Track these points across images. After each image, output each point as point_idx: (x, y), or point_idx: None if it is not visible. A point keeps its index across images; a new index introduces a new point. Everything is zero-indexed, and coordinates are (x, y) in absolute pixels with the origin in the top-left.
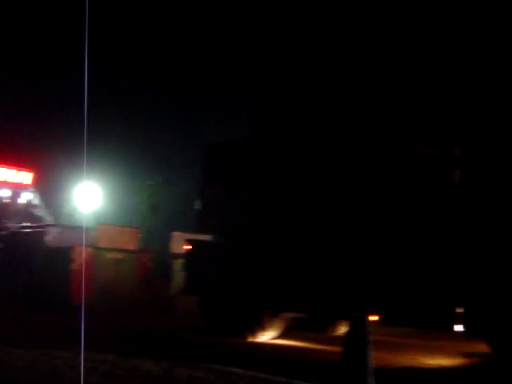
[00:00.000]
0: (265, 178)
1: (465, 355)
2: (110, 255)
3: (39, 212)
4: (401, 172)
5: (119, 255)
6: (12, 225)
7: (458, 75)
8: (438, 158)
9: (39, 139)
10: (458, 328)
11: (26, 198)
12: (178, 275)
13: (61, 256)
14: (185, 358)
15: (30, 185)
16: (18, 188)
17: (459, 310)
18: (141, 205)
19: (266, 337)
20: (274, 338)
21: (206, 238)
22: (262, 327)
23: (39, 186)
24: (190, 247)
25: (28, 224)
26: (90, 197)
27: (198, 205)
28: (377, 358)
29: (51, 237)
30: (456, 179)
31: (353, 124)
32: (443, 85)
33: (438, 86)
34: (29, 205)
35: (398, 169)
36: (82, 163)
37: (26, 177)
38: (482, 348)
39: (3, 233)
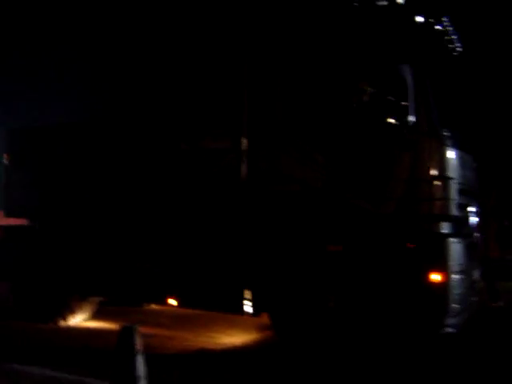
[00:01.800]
0: (64, 164)
1: (261, 329)
2: None
3: None
4: (194, 164)
5: None
6: None
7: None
8: (227, 151)
9: None
10: (248, 309)
11: None
12: None
13: None
14: None
15: None
16: None
17: (248, 294)
18: None
19: (78, 319)
20: (87, 320)
21: (16, 222)
22: (71, 311)
23: None
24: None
25: None
26: None
27: (5, 189)
28: (178, 338)
29: None
30: (243, 172)
31: (145, 115)
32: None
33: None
34: None
35: (191, 160)
36: None
37: None
38: None
39: None
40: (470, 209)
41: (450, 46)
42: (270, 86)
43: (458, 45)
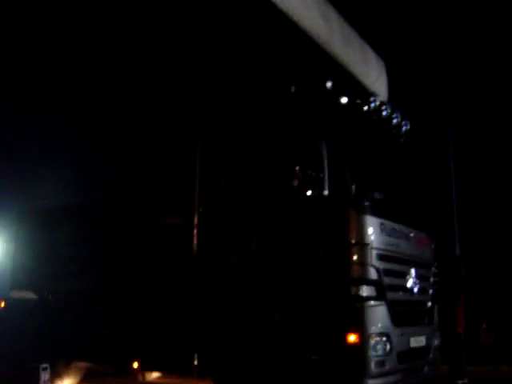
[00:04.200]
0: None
1: None
2: None
3: None
4: (155, 236)
5: None
6: None
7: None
8: (182, 226)
9: None
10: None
11: None
12: None
13: None
14: None
15: None
16: None
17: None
18: None
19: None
20: None
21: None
22: (58, 376)
23: None
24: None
25: None
26: None
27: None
28: None
29: None
30: (194, 243)
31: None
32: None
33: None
34: None
35: (153, 233)
36: None
37: None
38: None
39: None
40: (410, 277)
41: (386, 124)
42: (215, 167)
43: (396, 122)
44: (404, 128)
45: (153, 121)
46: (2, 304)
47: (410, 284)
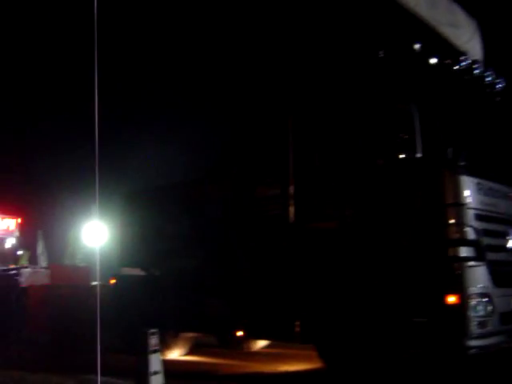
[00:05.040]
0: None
1: None
2: (63, 291)
3: (22, 255)
4: (253, 208)
5: (71, 291)
6: None
7: None
8: (278, 197)
9: (29, 183)
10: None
11: (10, 242)
12: None
13: (22, 295)
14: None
15: (13, 230)
16: (3, 234)
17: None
18: None
19: (175, 354)
20: (185, 355)
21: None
22: (167, 346)
23: (25, 230)
24: (115, 281)
25: (6, 267)
26: (96, 235)
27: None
28: (244, 366)
29: (23, 278)
30: (291, 213)
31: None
32: None
33: None
34: (13, 248)
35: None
36: (87, 202)
37: (10, 223)
38: None
39: None
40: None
41: (480, 83)
42: (309, 139)
43: (490, 80)
44: (499, 86)
45: (248, 95)
46: (114, 281)
47: (511, 244)
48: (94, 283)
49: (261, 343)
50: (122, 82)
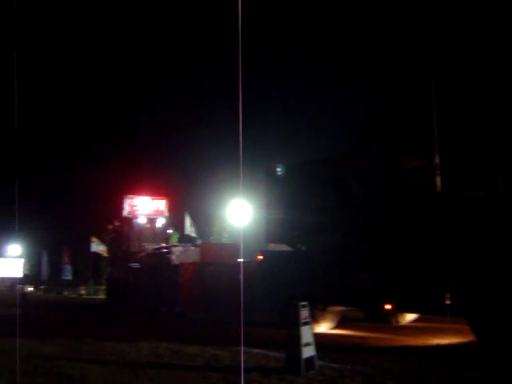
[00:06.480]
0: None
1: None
2: (212, 268)
3: (172, 234)
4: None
5: (220, 267)
6: (147, 247)
7: None
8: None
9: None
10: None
11: (160, 222)
12: None
13: (174, 272)
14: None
15: (163, 211)
16: (154, 214)
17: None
18: None
19: (322, 328)
20: (333, 329)
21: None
22: (315, 320)
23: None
24: (262, 257)
25: (158, 246)
26: (241, 214)
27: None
28: (392, 339)
29: (174, 255)
30: (438, 183)
31: None
32: None
33: None
34: (163, 228)
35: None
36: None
37: (160, 204)
38: None
39: (142, 254)
40: None
41: None
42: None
43: None
44: None
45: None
46: (261, 257)
47: None
48: (241, 260)
49: (409, 317)
50: (264, 57)
